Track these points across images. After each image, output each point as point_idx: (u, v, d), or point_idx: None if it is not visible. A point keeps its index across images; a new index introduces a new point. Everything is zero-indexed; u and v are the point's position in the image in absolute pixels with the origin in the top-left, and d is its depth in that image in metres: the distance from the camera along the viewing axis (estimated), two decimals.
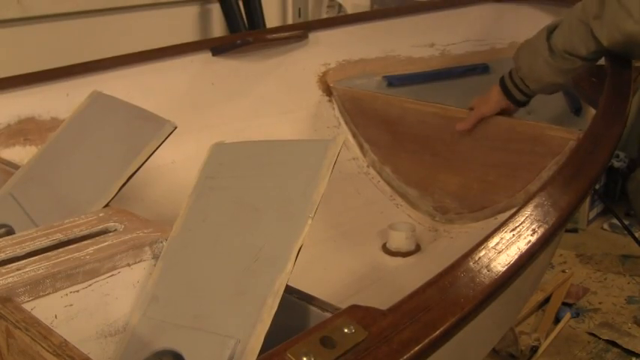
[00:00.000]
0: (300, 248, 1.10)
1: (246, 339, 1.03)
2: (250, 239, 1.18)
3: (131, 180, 1.49)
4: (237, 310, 1.10)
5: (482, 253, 1.05)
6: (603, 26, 1.84)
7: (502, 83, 2.09)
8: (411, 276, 1.85)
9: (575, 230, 3.85)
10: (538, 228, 1.16)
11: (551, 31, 2.00)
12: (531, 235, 1.13)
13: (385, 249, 2.02)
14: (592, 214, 4.06)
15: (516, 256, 1.06)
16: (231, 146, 1.39)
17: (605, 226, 3.99)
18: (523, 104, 2.12)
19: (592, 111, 1.83)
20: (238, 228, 1.22)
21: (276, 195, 1.22)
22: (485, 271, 1.01)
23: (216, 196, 1.31)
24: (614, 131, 1.55)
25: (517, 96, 2.07)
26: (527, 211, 1.20)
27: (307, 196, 1.16)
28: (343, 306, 0.97)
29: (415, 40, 2.65)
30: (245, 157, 1.36)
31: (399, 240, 2.00)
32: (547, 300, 2.88)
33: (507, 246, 1.08)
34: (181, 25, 3.35)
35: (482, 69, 2.74)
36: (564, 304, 2.89)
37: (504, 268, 1.03)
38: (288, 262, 1.09)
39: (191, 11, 3.41)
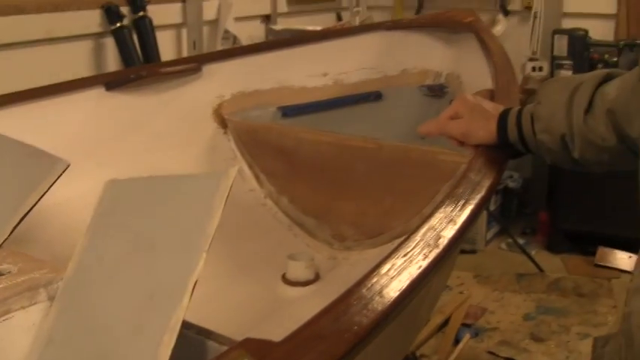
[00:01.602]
0: (196, 282, 1.10)
1: None
2: (146, 276, 1.18)
3: (24, 220, 1.46)
4: (136, 348, 1.09)
5: (375, 279, 1.07)
6: None
7: (503, 115, 1.56)
8: (311, 305, 1.85)
9: (473, 251, 3.92)
10: (429, 252, 1.18)
11: (609, 77, 1.38)
12: (422, 259, 1.15)
13: (285, 279, 2.03)
14: (489, 235, 4.16)
15: (408, 281, 1.08)
16: (125, 183, 1.38)
17: (503, 245, 4.09)
18: (518, 156, 1.62)
19: None
20: (134, 265, 1.21)
21: (170, 230, 1.22)
22: (378, 297, 1.03)
23: (112, 233, 1.29)
24: (502, 153, 1.60)
25: (516, 144, 1.54)
26: (418, 236, 1.22)
27: (201, 230, 1.15)
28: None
29: (309, 70, 2.68)
30: (139, 193, 1.35)
31: (298, 270, 2.01)
32: (446, 322, 2.93)
33: (399, 272, 1.10)
34: (75, 60, 3.31)
35: (375, 96, 2.78)
36: (463, 324, 2.94)
37: (396, 294, 1.05)
38: (184, 297, 1.08)
39: (85, 46, 3.37)
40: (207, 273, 1.79)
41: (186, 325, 1.10)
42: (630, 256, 3.62)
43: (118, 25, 3.36)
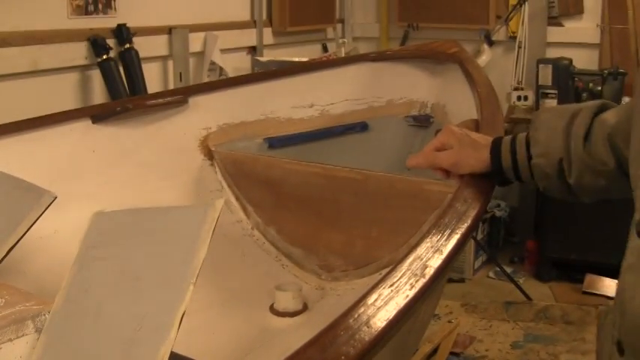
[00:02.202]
0: (184, 314, 1.10)
1: None
2: (134, 308, 1.18)
3: (11, 253, 1.47)
4: None
5: (362, 310, 1.07)
6: None
7: (495, 142, 1.55)
8: (299, 336, 1.85)
9: (461, 280, 3.93)
10: (416, 282, 1.18)
11: (605, 107, 1.42)
12: (409, 289, 1.16)
13: (273, 310, 2.03)
14: (477, 263, 4.17)
15: (395, 311, 1.09)
16: (111, 215, 1.38)
17: (491, 274, 4.10)
18: (506, 184, 1.59)
19: None
20: (121, 297, 1.21)
21: (157, 262, 1.23)
22: (365, 327, 1.03)
23: (99, 266, 1.29)
24: (487, 183, 1.60)
25: (507, 171, 1.52)
26: (405, 265, 1.23)
27: (188, 262, 1.16)
28: None
29: (295, 101, 2.69)
30: (126, 225, 1.35)
31: (286, 300, 2.01)
32: (435, 351, 2.92)
33: (386, 302, 1.10)
34: (61, 92, 3.31)
35: (361, 127, 2.80)
36: (452, 353, 2.94)
37: (384, 324, 1.05)
38: (172, 329, 1.09)
39: (71, 78, 3.38)
40: (195, 304, 1.78)
41: (174, 357, 1.10)
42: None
43: (105, 57, 3.38)
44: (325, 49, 5.11)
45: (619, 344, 1.06)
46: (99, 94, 3.47)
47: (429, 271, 1.22)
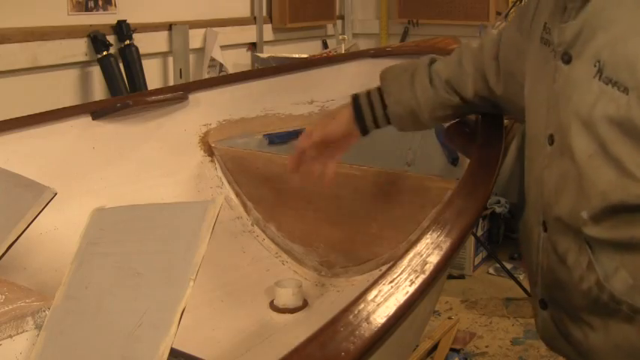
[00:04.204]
0: (184, 311, 1.10)
1: None
2: (133, 304, 1.18)
3: (11, 249, 1.46)
4: None
5: (362, 306, 1.07)
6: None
7: (355, 101, 1.84)
8: (299, 332, 1.86)
9: (461, 276, 3.93)
10: (416, 278, 1.18)
11: (433, 60, 1.82)
12: (409, 285, 1.16)
13: (273, 306, 2.03)
14: (477, 260, 4.16)
15: (395, 308, 1.09)
16: (112, 211, 1.38)
17: (491, 270, 4.09)
18: (366, 132, 1.85)
19: (467, 160, 1.88)
20: (121, 293, 1.21)
21: (157, 258, 1.22)
22: (365, 324, 1.03)
23: (99, 262, 1.29)
24: (487, 178, 1.60)
25: (367, 119, 1.82)
26: (405, 262, 1.22)
27: (188, 258, 1.16)
28: None
29: (295, 98, 2.68)
30: (126, 221, 1.35)
31: (286, 297, 2.01)
32: (435, 347, 2.92)
33: (386, 298, 1.10)
34: (61, 88, 3.32)
35: None
36: (452, 350, 2.94)
37: (383, 320, 1.05)
38: (172, 325, 1.09)
39: (71, 74, 3.39)
40: (195, 300, 1.78)
41: (174, 354, 1.10)
42: None
43: (105, 53, 3.39)
44: (325, 45, 5.12)
45: (544, 224, 1.48)
46: (99, 91, 3.47)
47: (429, 268, 1.22)
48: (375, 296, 1.11)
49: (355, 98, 1.85)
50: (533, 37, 1.54)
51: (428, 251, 1.27)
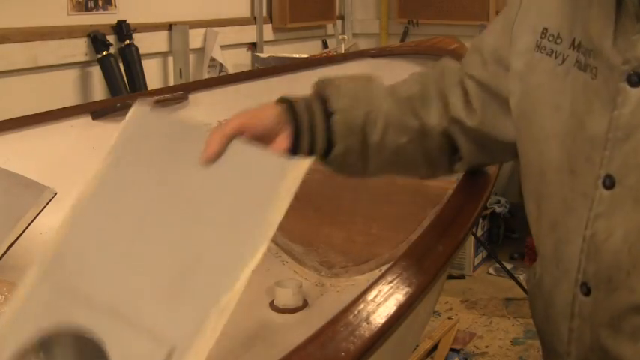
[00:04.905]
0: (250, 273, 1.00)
1: (184, 349, 0.94)
2: (187, 239, 1.04)
3: (11, 249, 1.47)
4: (171, 313, 0.98)
5: (362, 306, 1.07)
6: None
7: (283, 99, 1.38)
8: (299, 332, 1.85)
9: (461, 276, 3.93)
10: (416, 278, 1.19)
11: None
12: (409, 285, 1.16)
13: (273, 306, 2.02)
14: (477, 260, 4.17)
15: (395, 307, 1.09)
16: (164, 115, 1.23)
17: (491, 270, 4.09)
18: (296, 145, 1.32)
19: None
20: (171, 220, 1.07)
21: (222, 199, 1.07)
22: (365, 324, 1.03)
23: (145, 170, 1.14)
24: (487, 178, 1.61)
25: (301, 119, 1.33)
26: (405, 261, 1.23)
27: (262, 214, 1.05)
28: None
29: None
30: (182, 135, 1.16)
31: (286, 296, 2.01)
32: (435, 347, 2.92)
33: (386, 298, 1.10)
34: (61, 88, 3.31)
35: None
36: (452, 349, 2.94)
37: (383, 320, 1.05)
38: (237, 281, 0.97)
39: (71, 74, 3.38)
40: None
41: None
42: None
43: (105, 53, 3.38)
44: (325, 45, 5.11)
45: (584, 285, 1.17)
46: (99, 91, 3.47)
47: (429, 268, 1.22)
48: (375, 296, 1.11)
49: (284, 99, 1.38)
50: (516, 46, 1.29)
51: (427, 251, 1.27)
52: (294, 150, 1.30)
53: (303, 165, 1.10)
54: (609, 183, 1.13)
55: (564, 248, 1.21)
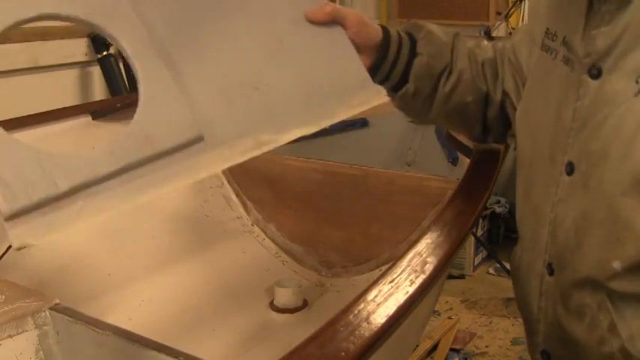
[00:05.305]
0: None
1: (207, 147, 1.05)
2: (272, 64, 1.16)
3: (11, 249, 1.46)
4: (224, 108, 1.09)
5: (362, 306, 1.07)
6: None
7: (385, 28, 1.44)
8: (299, 332, 1.85)
9: (461, 276, 3.93)
10: (416, 278, 1.18)
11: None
12: (409, 285, 1.15)
13: (273, 306, 2.03)
14: (477, 260, 4.16)
15: (395, 307, 1.08)
16: None
17: (491, 270, 4.09)
18: (377, 67, 1.41)
19: (467, 160, 1.88)
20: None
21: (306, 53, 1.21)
22: (365, 324, 1.03)
23: None
24: (487, 178, 1.60)
25: (392, 48, 1.42)
26: (405, 262, 1.22)
27: (332, 105, 1.20)
28: None
29: None
30: None
31: (286, 296, 2.01)
32: (435, 347, 2.92)
33: (386, 298, 1.10)
34: (61, 88, 3.31)
35: (361, 124, 2.80)
36: (452, 350, 2.94)
37: (383, 320, 1.05)
38: (284, 135, 1.14)
39: (71, 74, 3.38)
40: (194, 300, 1.79)
41: (175, 354, 1.10)
42: None
43: (105, 53, 3.38)
44: None
45: (549, 266, 1.27)
46: (99, 91, 3.47)
47: (429, 268, 1.22)
48: (375, 296, 1.11)
49: (385, 28, 1.45)
50: (534, 42, 1.38)
51: (428, 251, 1.27)
52: (371, 71, 1.35)
53: (379, 95, 1.22)
54: (570, 169, 1.21)
55: (540, 230, 1.29)
